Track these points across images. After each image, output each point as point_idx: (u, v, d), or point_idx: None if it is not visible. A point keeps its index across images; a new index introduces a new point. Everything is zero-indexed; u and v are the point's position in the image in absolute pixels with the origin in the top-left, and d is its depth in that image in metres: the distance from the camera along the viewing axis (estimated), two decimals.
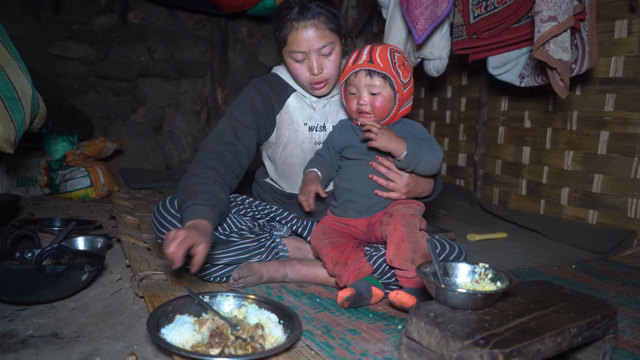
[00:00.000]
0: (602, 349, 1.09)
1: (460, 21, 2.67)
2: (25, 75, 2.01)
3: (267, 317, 1.22)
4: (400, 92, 1.54)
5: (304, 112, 1.72)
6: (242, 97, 1.71)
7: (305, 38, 1.56)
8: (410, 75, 1.60)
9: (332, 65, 1.62)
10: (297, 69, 1.62)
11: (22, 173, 2.97)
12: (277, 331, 1.17)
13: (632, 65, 2.41)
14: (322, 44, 1.57)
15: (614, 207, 2.51)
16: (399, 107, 1.57)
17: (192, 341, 1.10)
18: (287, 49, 1.61)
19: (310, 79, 1.62)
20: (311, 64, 1.59)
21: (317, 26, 1.56)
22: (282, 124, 1.72)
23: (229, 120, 1.64)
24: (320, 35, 1.57)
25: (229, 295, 1.33)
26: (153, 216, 1.55)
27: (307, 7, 1.56)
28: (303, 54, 1.58)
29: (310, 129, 1.72)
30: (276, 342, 1.14)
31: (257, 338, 1.12)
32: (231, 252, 1.57)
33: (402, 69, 1.55)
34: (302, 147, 1.72)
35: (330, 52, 1.61)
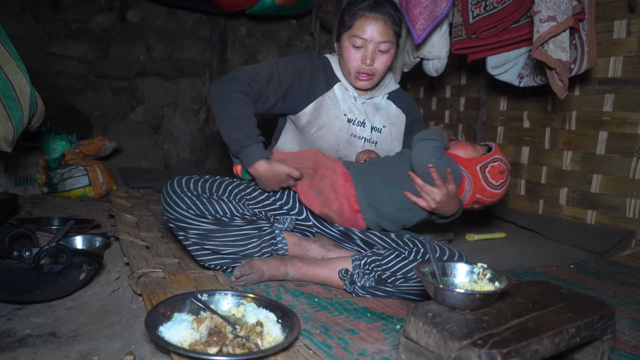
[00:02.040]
0: (600, 349, 1.09)
1: (460, 21, 2.67)
2: (24, 73, 2.01)
3: (265, 316, 1.22)
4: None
5: (346, 102, 1.84)
6: (296, 58, 1.80)
7: (371, 27, 1.69)
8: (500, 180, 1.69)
9: (383, 63, 1.74)
10: (351, 54, 1.73)
11: (20, 172, 2.96)
12: (275, 330, 1.17)
13: (631, 66, 2.41)
14: (383, 39, 1.70)
15: (612, 207, 2.51)
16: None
17: (190, 339, 1.10)
18: (350, 32, 1.72)
19: (360, 67, 1.73)
20: (367, 53, 1.71)
21: (385, 22, 1.70)
22: (323, 107, 1.80)
23: (271, 66, 1.73)
24: (385, 32, 1.70)
25: (227, 294, 1.33)
26: (161, 195, 1.60)
27: (382, 4, 1.71)
28: (363, 41, 1.70)
29: (349, 120, 1.83)
30: (274, 341, 1.14)
31: (255, 337, 1.11)
32: (231, 236, 1.57)
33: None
34: (338, 135, 1.82)
35: (386, 50, 1.73)
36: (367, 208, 1.67)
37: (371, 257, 1.56)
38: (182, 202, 1.55)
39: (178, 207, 1.55)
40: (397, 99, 1.96)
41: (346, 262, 1.60)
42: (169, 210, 1.57)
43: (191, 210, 1.55)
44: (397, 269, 1.51)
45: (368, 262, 1.55)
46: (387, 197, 1.65)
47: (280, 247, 1.69)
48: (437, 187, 1.56)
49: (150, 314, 1.16)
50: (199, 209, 1.55)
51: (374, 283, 1.55)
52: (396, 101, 1.95)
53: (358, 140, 1.86)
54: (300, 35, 4.60)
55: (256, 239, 1.62)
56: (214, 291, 1.33)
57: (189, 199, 1.55)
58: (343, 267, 1.59)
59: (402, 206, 1.65)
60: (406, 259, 1.52)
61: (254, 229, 1.62)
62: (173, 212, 1.56)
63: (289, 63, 1.76)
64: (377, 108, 1.90)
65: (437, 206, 1.59)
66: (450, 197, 1.57)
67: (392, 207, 1.65)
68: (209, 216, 1.55)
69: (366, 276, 1.55)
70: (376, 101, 1.91)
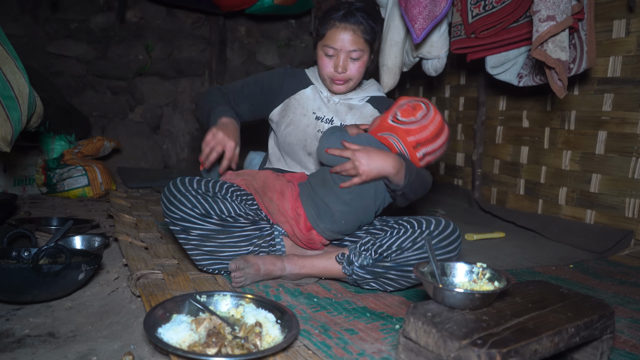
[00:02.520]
0: (599, 348, 1.09)
1: (459, 20, 2.67)
2: (23, 73, 2.00)
3: (264, 317, 1.22)
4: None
5: (315, 102, 1.92)
6: (270, 72, 1.97)
7: (340, 38, 1.76)
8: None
9: (355, 70, 1.81)
10: (324, 62, 1.82)
11: (19, 172, 2.96)
12: (274, 331, 1.17)
13: (630, 65, 2.41)
14: (353, 48, 1.77)
15: (611, 207, 2.51)
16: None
17: (189, 341, 1.10)
18: (322, 42, 1.80)
19: (333, 74, 1.81)
20: (338, 62, 1.79)
21: (355, 32, 1.76)
22: (290, 107, 1.92)
23: (241, 84, 1.95)
24: (354, 41, 1.76)
25: (226, 295, 1.32)
26: (162, 195, 1.58)
27: (353, 13, 1.76)
28: (334, 50, 1.78)
29: (317, 117, 1.90)
30: (273, 341, 1.14)
31: (254, 338, 1.11)
32: (233, 237, 1.58)
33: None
34: (305, 131, 1.88)
35: (357, 58, 1.80)
36: (318, 221, 1.64)
37: (365, 238, 1.61)
38: (187, 201, 1.54)
39: (183, 206, 1.53)
40: (377, 103, 1.97)
41: (342, 250, 1.62)
42: (172, 210, 1.54)
43: (196, 210, 1.53)
44: (392, 243, 1.55)
45: (363, 243, 1.59)
46: (329, 197, 1.62)
47: (278, 248, 1.69)
48: (346, 154, 1.56)
49: (149, 315, 1.16)
50: (204, 208, 1.54)
51: (372, 261, 1.55)
52: (375, 104, 1.97)
53: None
54: (299, 35, 4.60)
55: (256, 239, 1.63)
56: (213, 292, 1.32)
57: (193, 197, 1.55)
58: (340, 252, 1.61)
59: (344, 197, 1.61)
60: (399, 233, 1.57)
61: (255, 229, 1.63)
62: (177, 211, 1.53)
63: (260, 77, 1.95)
64: (350, 107, 1.93)
65: (363, 167, 1.53)
66: (367, 152, 1.54)
67: (339, 204, 1.62)
68: (214, 216, 1.54)
69: (363, 254, 1.56)
70: (351, 102, 1.94)
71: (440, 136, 1.63)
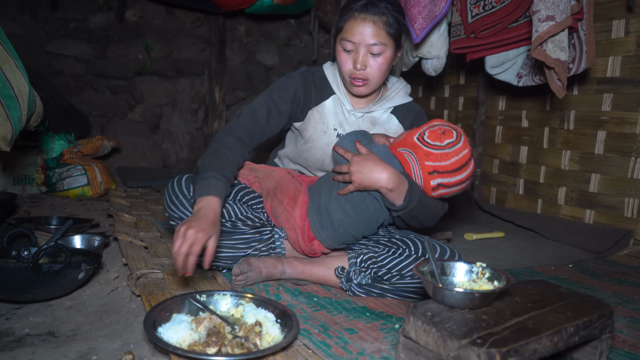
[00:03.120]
0: (598, 348, 1.09)
1: (458, 20, 2.67)
2: (22, 73, 2.00)
3: (264, 316, 1.22)
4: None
5: (337, 117, 1.76)
6: (287, 81, 1.74)
7: (359, 30, 1.58)
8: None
9: (376, 67, 1.62)
10: (343, 58, 1.64)
11: (18, 171, 2.96)
12: (274, 330, 1.17)
13: (629, 65, 2.41)
14: (373, 42, 1.58)
15: (610, 207, 2.52)
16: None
17: (189, 340, 1.10)
18: (340, 35, 1.63)
19: (352, 72, 1.64)
20: (357, 57, 1.61)
21: (376, 23, 1.58)
22: (311, 121, 1.75)
23: (267, 100, 1.69)
24: (375, 33, 1.58)
25: (226, 294, 1.33)
26: (165, 192, 1.58)
27: (374, 3, 1.58)
28: (353, 44, 1.60)
29: (338, 135, 1.75)
30: (273, 341, 1.14)
31: (254, 337, 1.12)
32: (232, 240, 1.58)
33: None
34: (324, 150, 1.75)
35: (379, 53, 1.60)
36: (320, 229, 1.60)
37: (367, 254, 1.56)
38: (187, 202, 1.53)
39: (182, 207, 1.53)
40: (403, 113, 1.81)
41: (342, 260, 1.60)
42: (172, 209, 1.55)
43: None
44: (392, 266, 1.50)
45: (364, 260, 1.55)
46: (331, 203, 1.57)
47: (278, 251, 1.69)
48: (346, 158, 1.51)
49: (149, 314, 1.16)
50: None
51: (370, 281, 1.55)
52: (400, 116, 1.81)
53: None
54: (299, 35, 4.60)
55: (256, 243, 1.62)
56: (213, 292, 1.32)
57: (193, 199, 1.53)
58: (339, 265, 1.59)
59: (345, 207, 1.55)
60: (402, 255, 1.51)
61: (255, 233, 1.62)
62: (177, 211, 1.54)
63: (281, 89, 1.71)
64: (374, 122, 1.79)
65: (356, 175, 1.47)
66: (365, 160, 1.47)
67: (339, 213, 1.56)
68: None
69: (362, 273, 1.55)
70: (375, 115, 1.79)
71: (462, 171, 1.49)
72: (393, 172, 1.46)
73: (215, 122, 4.27)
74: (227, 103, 4.37)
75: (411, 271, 1.48)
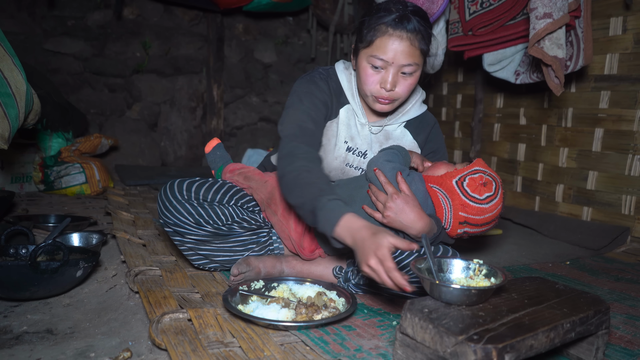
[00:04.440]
0: (595, 344, 1.10)
1: (456, 18, 2.67)
2: (20, 70, 2.00)
3: (319, 288, 1.47)
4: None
5: (349, 129, 1.63)
6: (315, 88, 1.57)
7: (394, 48, 1.43)
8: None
9: (406, 87, 1.50)
10: (369, 76, 1.49)
11: (16, 169, 2.96)
12: (334, 295, 1.39)
13: (627, 63, 2.42)
14: (408, 62, 1.45)
15: (608, 204, 2.52)
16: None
17: (290, 316, 1.28)
18: (369, 51, 1.47)
19: (378, 92, 1.49)
20: (387, 77, 1.46)
21: (412, 42, 1.44)
22: (327, 133, 1.61)
23: (303, 109, 1.51)
24: (411, 53, 1.44)
25: (260, 281, 1.49)
26: (158, 198, 1.54)
27: (409, 18, 1.43)
28: (384, 62, 1.45)
29: (348, 149, 1.64)
30: (342, 304, 1.34)
31: (328, 302, 1.32)
32: (229, 243, 1.57)
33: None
34: (331, 164, 1.65)
35: (410, 73, 1.48)
36: (325, 243, 1.56)
37: None
38: (181, 208, 1.50)
39: (177, 213, 1.50)
40: (416, 128, 1.70)
41: (341, 260, 1.60)
42: (167, 215, 1.51)
43: (190, 218, 1.50)
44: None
45: None
46: None
47: (277, 253, 1.69)
48: (386, 190, 1.42)
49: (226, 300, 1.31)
50: (199, 215, 1.50)
51: (369, 281, 1.55)
52: (414, 131, 1.70)
53: (354, 170, 1.68)
54: (297, 33, 4.59)
55: (254, 245, 1.62)
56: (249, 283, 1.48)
57: (188, 204, 1.50)
58: (337, 265, 1.59)
59: None
60: (401, 254, 1.51)
61: (252, 235, 1.62)
62: (172, 217, 1.51)
63: (312, 96, 1.54)
64: (388, 137, 1.67)
65: (390, 213, 1.40)
66: (404, 204, 1.40)
67: None
68: (208, 225, 1.52)
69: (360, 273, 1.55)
70: (389, 129, 1.67)
71: (491, 225, 1.48)
72: (426, 224, 1.40)
73: (213, 120, 4.27)
74: (225, 101, 4.37)
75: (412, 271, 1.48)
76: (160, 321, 1.21)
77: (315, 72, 1.63)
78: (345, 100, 1.63)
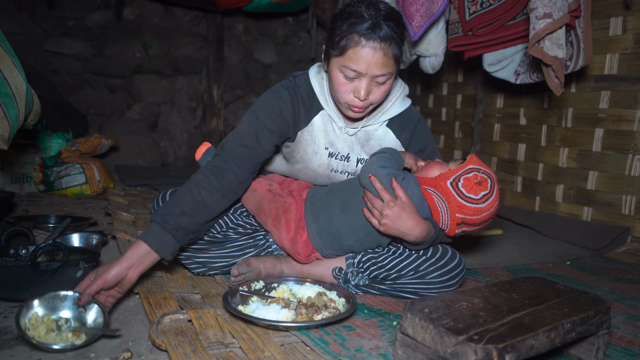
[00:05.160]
0: (595, 344, 1.10)
1: (456, 18, 2.67)
2: (20, 71, 2.00)
3: (319, 288, 1.47)
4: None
5: (328, 135, 1.60)
6: (271, 96, 1.55)
7: (367, 60, 1.38)
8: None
9: (380, 94, 1.47)
10: (341, 85, 1.44)
11: (16, 170, 2.96)
12: (334, 296, 1.39)
13: (627, 63, 2.42)
14: (382, 72, 1.41)
15: (608, 204, 2.52)
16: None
17: (290, 316, 1.28)
18: (341, 60, 1.41)
19: (352, 100, 1.46)
20: (360, 87, 1.42)
21: (385, 52, 1.38)
22: (301, 142, 1.60)
23: (252, 120, 1.52)
24: (384, 63, 1.39)
25: (260, 282, 1.50)
26: (152, 207, 1.57)
27: (380, 25, 1.37)
28: (357, 73, 1.41)
29: (330, 154, 1.62)
30: (342, 304, 1.33)
31: (328, 302, 1.32)
32: (226, 249, 1.58)
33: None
34: (316, 171, 1.64)
35: (384, 82, 1.44)
36: (323, 248, 1.56)
37: (366, 254, 1.55)
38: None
39: None
40: (399, 126, 1.66)
41: (340, 261, 1.60)
42: None
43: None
44: (392, 266, 1.49)
45: (363, 260, 1.54)
46: (345, 228, 1.51)
47: (276, 254, 1.68)
48: (382, 198, 1.40)
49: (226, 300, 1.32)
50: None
51: (368, 281, 1.55)
52: (397, 129, 1.66)
53: (340, 175, 1.66)
54: (297, 33, 4.59)
55: (252, 249, 1.62)
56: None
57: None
58: (337, 266, 1.59)
59: (359, 234, 1.50)
60: (402, 255, 1.50)
61: (249, 239, 1.63)
62: None
63: (266, 106, 1.54)
64: (369, 138, 1.64)
65: (387, 221, 1.38)
66: (401, 211, 1.38)
67: (352, 239, 1.51)
68: (205, 237, 1.52)
69: (360, 274, 1.54)
70: (370, 129, 1.63)
71: (489, 222, 1.47)
72: (424, 230, 1.39)
73: (213, 120, 4.27)
74: (225, 101, 4.37)
75: (411, 271, 1.46)
76: (161, 322, 1.21)
77: (284, 80, 1.60)
78: (319, 106, 1.59)
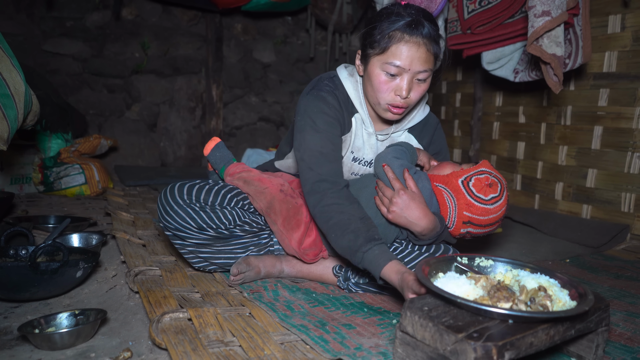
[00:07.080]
0: (594, 341, 1.10)
1: (455, 16, 2.67)
2: (18, 71, 2.00)
3: (547, 281, 1.13)
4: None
5: (357, 140, 1.60)
6: (325, 106, 1.50)
7: (410, 55, 1.38)
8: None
9: (419, 93, 1.46)
10: (383, 83, 1.43)
11: (16, 170, 2.96)
12: (563, 296, 1.06)
13: (626, 60, 2.42)
14: (424, 68, 1.41)
15: (607, 202, 2.53)
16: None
17: (473, 294, 1.05)
18: (383, 58, 1.41)
19: (393, 99, 1.45)
20: (402, 84, 1.42)
21: (427, 47, 1.40)
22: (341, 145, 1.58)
23: (318, 134, 1.48)
24: (426, 59, 1.41)
25: (489, 259, 1.25)
26: (159, 202, 1.50)
27: (422, 22, 1.39)
28: (400, 69, 1.40)
29: (354, 159, 1.63)
30: (564, 306, 1.03)
31: (542, 299, 1.02)
32: (230, 245, 1.56)
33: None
34: None
35: (424, 79, 1.45)
36: (329, 247, 1.57)
37: None
38: (183, 213, 1.46)
39: (178, 218, 1.46)
40: (420, 132, 1.69)
41: (340, 259, 1.60)
42: (168, 220, 1.47)
43: (193, 223, 1.46)
44: None
45: None
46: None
47: (277, 254, 1.68)
48: (393, 186, 1.43)
49: (419, 268, 1.12)
50: (201, 220, 1.46)
51: (368, 280, 1.55)
52: (418, 135, 1.69)
53: (358, 177, 1.68)
54: (295, 32, 4.59)
55: (253, 247, 1.62)
56: (474, 256, 1.26)
57: (190, 209, 1.46)
58: (337, 264, 1.59)
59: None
60: (403, 252, 1.51)
61: (253, 237, 1.62)
62: (173, 222, 1.47)
63: (325, 115, 1.49)
64: (393, 143, 1.66)
65: (395, 209, 1.41)
66: (410, 200, 1.40)
67: None
68: (210, 230, 1.48)
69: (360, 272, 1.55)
70: (394, 136, 1.66)
71: (494, 226, 1.49)
72: (431, 221, 1.41)
73: (212, 120, 4.27)
74: (225, 101, 4.37)
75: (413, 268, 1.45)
76: (161, 321, 1.21)
77: (320, 84, 1.55)
78: (354, 109, 1.58)
